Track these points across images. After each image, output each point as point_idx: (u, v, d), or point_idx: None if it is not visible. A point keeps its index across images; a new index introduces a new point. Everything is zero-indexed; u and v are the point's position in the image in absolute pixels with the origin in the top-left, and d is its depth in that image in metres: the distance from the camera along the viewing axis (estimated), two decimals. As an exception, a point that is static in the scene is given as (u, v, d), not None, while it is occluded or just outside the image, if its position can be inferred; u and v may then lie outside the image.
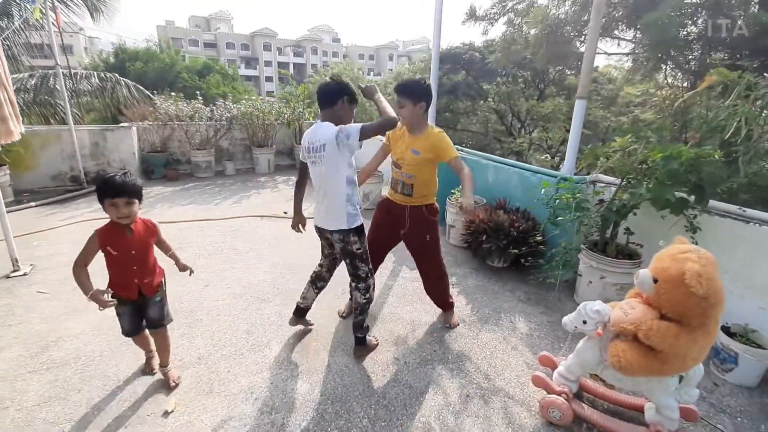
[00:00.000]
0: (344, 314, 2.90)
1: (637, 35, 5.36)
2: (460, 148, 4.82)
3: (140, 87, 10.36)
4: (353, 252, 2.29)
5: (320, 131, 2.14)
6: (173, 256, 2.20)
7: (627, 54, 6.34)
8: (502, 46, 5.92)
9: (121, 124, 6.49)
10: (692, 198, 2.46)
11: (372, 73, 56.23)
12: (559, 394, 2.00)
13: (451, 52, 20.60)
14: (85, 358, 2.39)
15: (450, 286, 2.79)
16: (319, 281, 2.61)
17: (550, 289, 3.28)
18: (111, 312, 2.54)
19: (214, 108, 6.85)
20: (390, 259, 3.79)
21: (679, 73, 5.58)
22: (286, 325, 2.74)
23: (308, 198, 2.43)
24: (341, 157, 2.11)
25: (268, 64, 56.81)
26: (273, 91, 54.17)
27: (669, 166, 2.40)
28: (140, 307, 2.08)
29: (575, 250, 2.89)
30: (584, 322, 1.92)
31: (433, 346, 2.59)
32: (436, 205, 2.55)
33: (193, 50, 47.93)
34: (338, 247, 2.33)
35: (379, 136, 2.34)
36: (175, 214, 5.02)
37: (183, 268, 2.22)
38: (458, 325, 2.80)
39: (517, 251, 3.24)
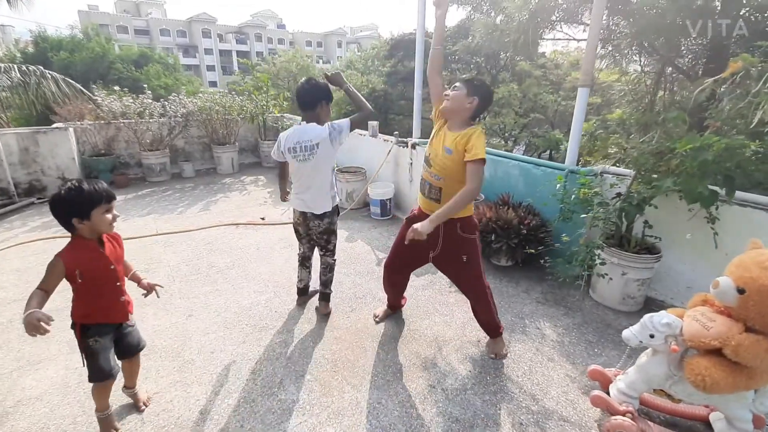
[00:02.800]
0: (380, 318, 2.78)
1: (613, 20, 5.36)
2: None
3: (70, 81, 9.11)
4: (332, 230, 2.65)
5: (310, 132, 2.39)
6: (135, 277, 1.90)
7: (600, 40, 6.37)
8: (485, 31, 5.75)
9: (55, 125, 5.59)
10: (723, 190, 2.39)
11: (321, 61, 54.69)
12: (624, 414, 1.84)
13: (404, 39, 20.36)
14: (55, 427, 1.91)
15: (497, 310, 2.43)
16: (306, 261, 2.87)
17: (564, 287, 3.16)
18: (78, 363, 2.04)
19: (167, 103, 6.11)
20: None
21: (650, 61, 5.67)
22: (296, 358, 2.39)
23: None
24: (333, 151, 2.43)
25: (208, 52, 53.38)
26: (216, 81, 51.24)
27: (701, 158, 2.30)
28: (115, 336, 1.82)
29: (598, 247, 2.76)
30: (651, 336, 1.76)
31: (466, 366, 2.36)
32: (474, 219, 2.20)
33: (122, 38, 43.85)
34: (321, 227, 2.59)
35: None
36: (132, 227, 4.39)
37: (149, 288, 1.91)
38: (506, 356, 2.43)
39: (534, 251, 3.08)
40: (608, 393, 2.01)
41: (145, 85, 6.97)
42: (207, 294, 3.09)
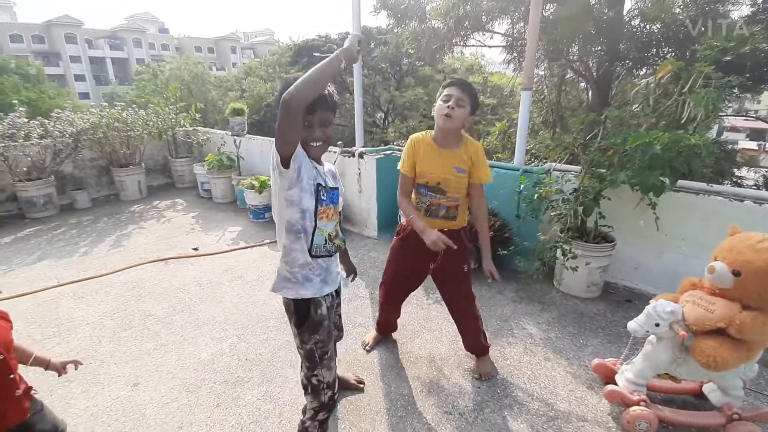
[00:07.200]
0: (370, 346, 2.54)
1: (516, 28, 5.81)
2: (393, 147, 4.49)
3: None
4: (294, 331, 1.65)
5: None
6: (38, 361, 1.45)
7: (504, 46, 6.89)
8: (413, 38, 5.81)
9: None
10: (667, 179, 2.65)
11: (215, 68, 51.17)
12: (639, 404, 1.90)
13: (308, 44, 19.99)
14: None
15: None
16: None
17: (532, 283, 3.25)
18: None
19: (49, 122, 5.01)
20: (362, 285, 3.30)
21: (552, 65, 6.29)
22: (288, 413, 2.06)
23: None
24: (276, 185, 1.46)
25: (75, 59, 46.41)
26: (88, 92, 44.75)
27: (651, 152, 2.52)
28: None
29: (566, 242, 2.89)
30: (657, 325, 1.84)
31: (473, 383, 2.26)
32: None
33: (-45, 44, 35.82)
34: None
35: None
36: (22, 280, 3.46)
37: (60, 368, 1.51)
38: (494, 376, 2.28)
39: (506, 251, 3.12)
40: (613, 384, 2.08)
41: (16, 102, 5.63)
42: (151, 352, 2.54)
